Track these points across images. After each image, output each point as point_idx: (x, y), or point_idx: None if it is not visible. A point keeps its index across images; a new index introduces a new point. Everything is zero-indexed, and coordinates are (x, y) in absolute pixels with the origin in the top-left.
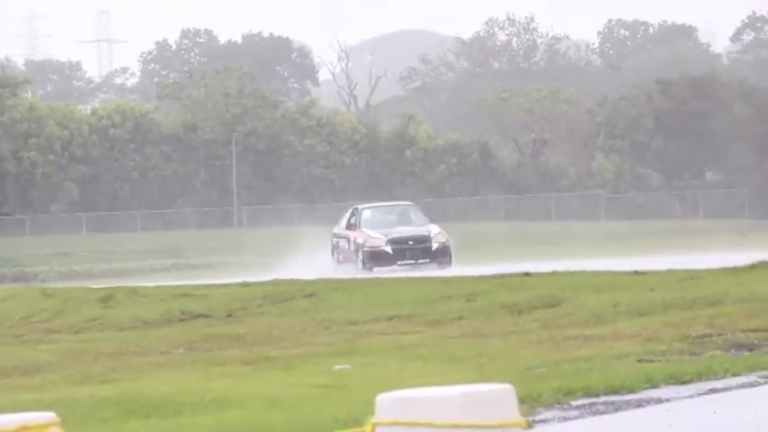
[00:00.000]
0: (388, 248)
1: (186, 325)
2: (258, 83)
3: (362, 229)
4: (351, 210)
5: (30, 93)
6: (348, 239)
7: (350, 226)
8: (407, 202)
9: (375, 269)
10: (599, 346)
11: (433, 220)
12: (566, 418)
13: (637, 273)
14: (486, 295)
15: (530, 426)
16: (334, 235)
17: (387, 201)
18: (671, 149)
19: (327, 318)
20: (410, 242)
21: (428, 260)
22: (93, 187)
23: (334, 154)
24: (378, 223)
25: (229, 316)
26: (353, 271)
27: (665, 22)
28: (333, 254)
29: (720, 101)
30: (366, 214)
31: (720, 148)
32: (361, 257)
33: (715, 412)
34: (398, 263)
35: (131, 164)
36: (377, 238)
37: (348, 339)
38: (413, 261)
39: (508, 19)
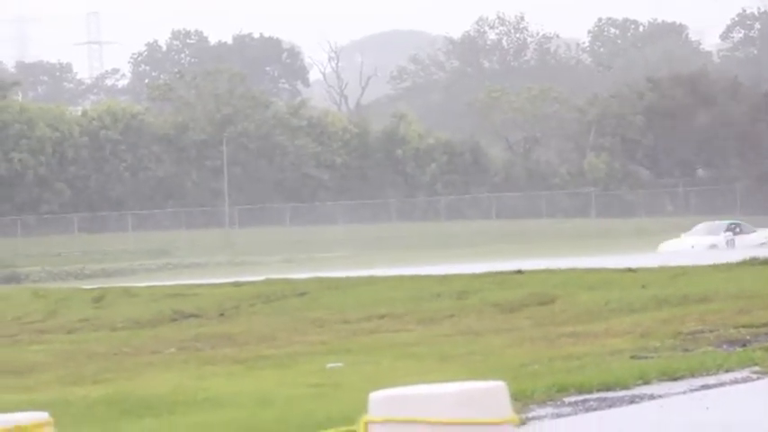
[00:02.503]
0: None
1: (178, 324)
2: (249, 83)
3: None
4: None
5: (20, 95)
6: None
7: None
8: None
9: None
10: (592, 342)
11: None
12: (559, 415)
13: (629, 270)
14: (478, 293)
15: (523, 423)
16: None
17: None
18: (661, 147)
19: (320, 316)
20: None
21: None
22: (85, 188)
23: (325, 154)
24: None
25: (221, 315)
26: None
27: (655, 20)
28: None
29: (711, 98)
30: None
31: (711, 145)
32: None
33: (708, 408)
34: None
35: (122, 165)
36: None
37: (341, 338)
38: None
39: (498, 18)
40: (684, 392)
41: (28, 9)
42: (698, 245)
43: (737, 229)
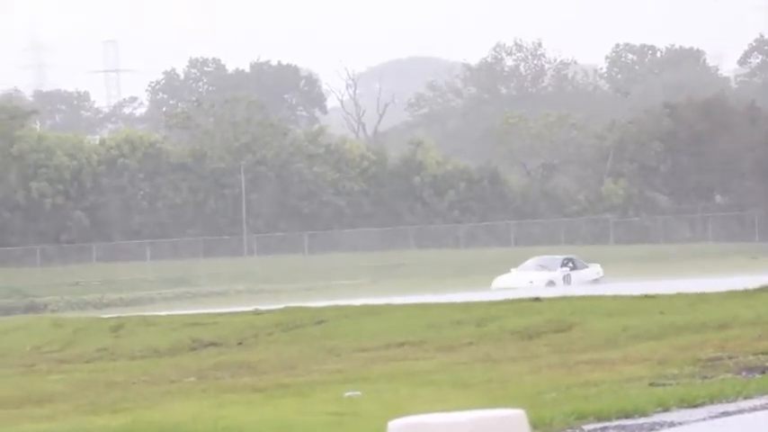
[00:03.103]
0: None
1: (197, 353)
2: (266, 111)
3: None
4: None
5: (38, 123)
6: None
7: None
8: None
9: None
10: (610, 370)
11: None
12: None
13: (647, 296)
14: (496, 320)
15: None
16: None
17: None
18: (680, 173)
19: (338, 345)
20: None
21: None
22: (103, 217)
23: (342, 181)
24: None
25: (240, 344)
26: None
27: (672, 46)
28: None
29: (729, 124)
30: None
31: (729, 171)
32: None
33: None
34: None
35: (141, 193)
36: None
37: (359, 366)
38: None
39: (516, 44)
40: (704, 419)
41: (45, 38)
42: (537, 280)
43: (571, 264)
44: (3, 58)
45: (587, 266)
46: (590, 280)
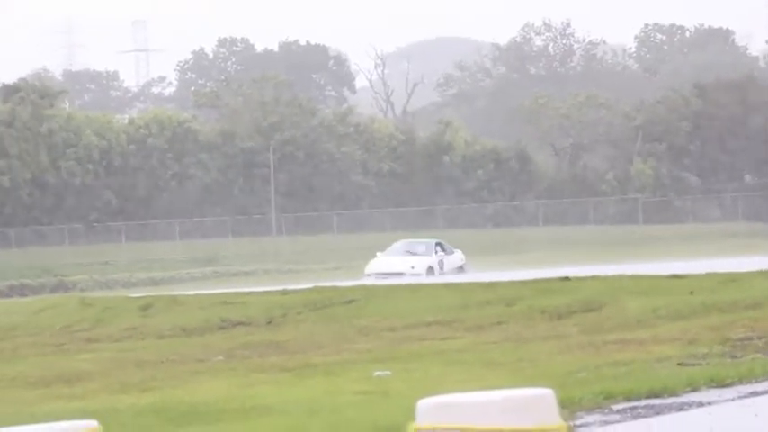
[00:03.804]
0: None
1: (226, 332)
2: (295, 91)
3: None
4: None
5: (67, 103)
6: None
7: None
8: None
9: None
10: (639, 349)
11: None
12: (607, 422)
13: (676, 276)
14: (525, 300)
15: (571, 430)
16: None
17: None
18: (709, 153)
19: (367, 324)
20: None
21: None
22: (132, 196)
23: (371, 161)
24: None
25: (269, 323)
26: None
27: (701, 25)
28: None
29: (758, 104)
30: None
31: (759, 150)
32: None
33: (756, 415)
34: None
35: (169, 173)
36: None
37: (388, 345)
38: None
39: (544, 24)
40: (733, 399)
41: (74, 18)
42: (418, 265)
43: (443, 249)
44: (33, 38)
45: (454, 252)
46: (457, 266)
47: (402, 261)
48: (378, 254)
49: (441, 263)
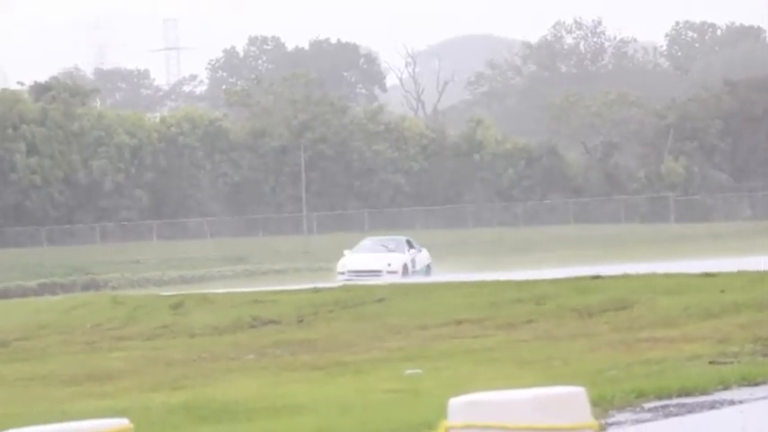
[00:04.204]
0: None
1: (257, 331)
2: (326, 89)
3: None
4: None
5: (99, 102)
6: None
7: None
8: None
9: None
10: (670, 348)
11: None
12: (638, 421)
13: (707, 275)
14: (556, 298)
15: (602, 428)
16: None
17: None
18: (740, 151)
19: (398, 322)
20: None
21: None
22: (163, 195)
23: (402, 159)
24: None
25: (300, 321)
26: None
27: (732, 23)
28: None
29: None
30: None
31: None
32: None
33: None
34: None
35: (200, 171)
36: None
37: (419, 344)
38: None
39: (575, 22)
40: (765, 398)
41: (106, 16)
42: (394, 263)
43: (413, 247)
44: (64, 36)
45: (421, 250)
46: (425, 265)
47: (378, 259)
48: (345, 252)
49: (413, 261)
